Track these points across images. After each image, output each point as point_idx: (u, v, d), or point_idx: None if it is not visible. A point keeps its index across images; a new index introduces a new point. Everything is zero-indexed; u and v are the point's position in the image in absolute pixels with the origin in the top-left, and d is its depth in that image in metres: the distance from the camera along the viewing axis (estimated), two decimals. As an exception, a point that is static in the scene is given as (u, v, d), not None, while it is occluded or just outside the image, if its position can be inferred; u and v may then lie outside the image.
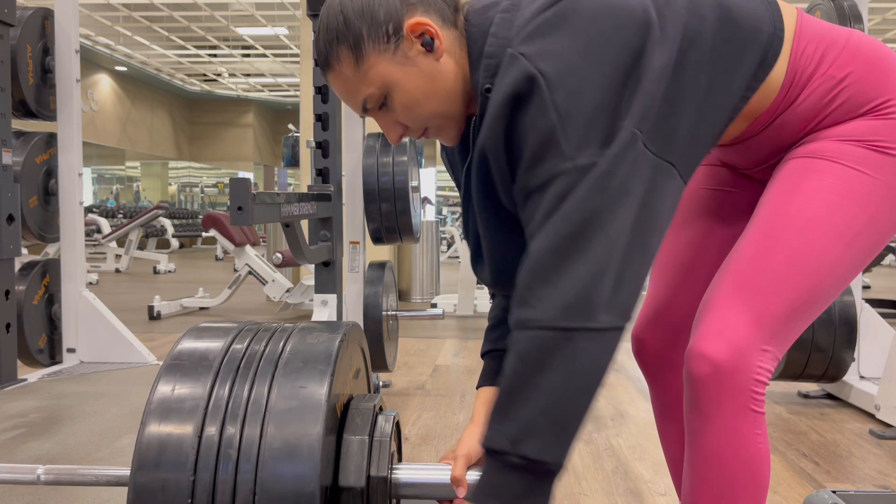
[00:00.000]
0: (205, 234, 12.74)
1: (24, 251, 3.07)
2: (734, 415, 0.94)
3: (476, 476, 0.98)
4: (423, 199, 7.17)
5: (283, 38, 12.92)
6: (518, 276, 0.89)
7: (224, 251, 11.64)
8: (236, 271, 5.77)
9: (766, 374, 0.95)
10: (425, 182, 14.77)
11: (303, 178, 5.79)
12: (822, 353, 2.61)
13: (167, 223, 12.27)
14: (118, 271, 9.15)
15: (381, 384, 3.03)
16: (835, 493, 1.60)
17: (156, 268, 9.31)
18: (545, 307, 0.85)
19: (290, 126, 6.06)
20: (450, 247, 10.34)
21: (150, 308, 5.25)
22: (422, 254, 6.28)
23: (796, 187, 0.99)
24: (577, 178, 0.85)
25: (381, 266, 2.88)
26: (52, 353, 3.18)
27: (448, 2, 0.97)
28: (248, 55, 14.61)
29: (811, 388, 2.94)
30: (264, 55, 14.37)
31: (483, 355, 1.15)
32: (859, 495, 1.65)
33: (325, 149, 2.70)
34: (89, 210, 11.68)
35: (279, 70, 15.81)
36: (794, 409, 2.75)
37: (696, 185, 1.25)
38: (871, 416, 2.59)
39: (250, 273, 5.57)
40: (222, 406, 0.88)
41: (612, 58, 0.87)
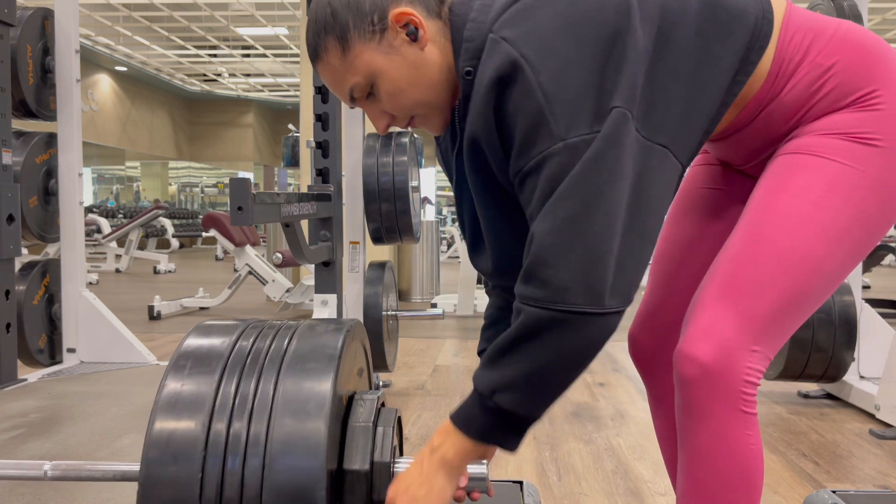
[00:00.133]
0: (205, 234, 12.75)
1: (24, 251, 3.06)
2: (724, 416, 0.94)
3: (475, 468, 1.02)
4: (423, 199, 7.18)
5: (283, 38, 12.92)
6: (523, 257, 0.91)
7: (224, 251, 11.65)
8: (236, 271, 5.77)
9: (757, 375, 0.95)
10: (425, 182, 14.78)
11: (303, 178, 5.79)
12: (822, 353, 2.61)
13: (167, 223, 12.28)
14: (118, 271, 9.15)
15: (381, 384, 3.03)
16: (835, 493, 1.61)
17: (156, 268, 9.32)
18: (550, 289, 0.87)
19: (290, 126, 6.06)
20: (450, 247, 10.34)
21: (150, 308, 5.26)
22: (422, 254, 6.28)
23: (781, 185, 0.99)
24: (569, 159, 0.86)
25: (381, 266, 2.88)
26: (52, 353, 3.18)
27: None
28: (248, 55, 14.62)
29: (811, 388, 2.94)
30: (264, 55, 14.38)
31: (480, 353, 1.15)
32: (859, 495, 1.65)
33: (325, 149, 2.70)
34: (89, 210, 11.67)
35: (279, 70, 15.82)
36: (794, 409, 2.75)
37: (692, 184, 1.25)
38: (871, 416, 2.59)
39: (250, 273, 5.57)
40: (229, 401, 0.90)
41: (593, 37, 0.88)
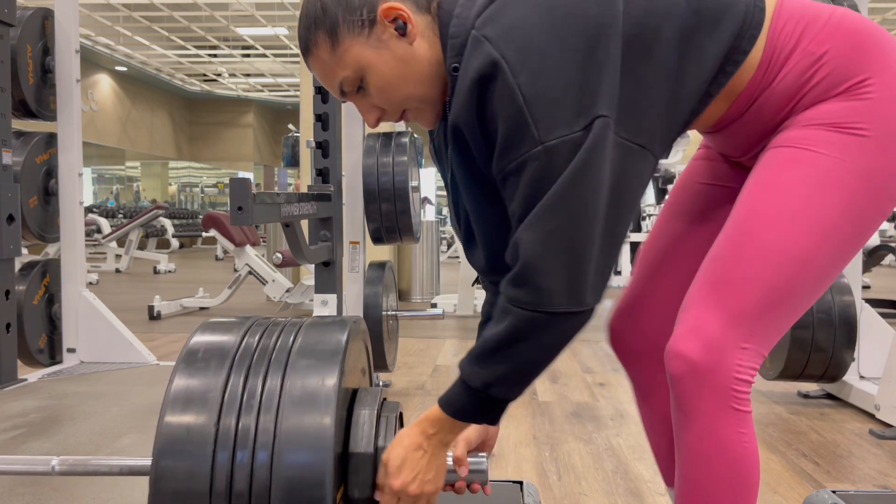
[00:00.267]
0: (205, 234, 12.75)
1: (24, 251, 3.06)
2: (715, 413, 0.94)
3: (475, 460, 1.07)
4: (423, 199, 7.17)
5: (283, 38, 12.92)
6: (509, 258, 0.94)
7: (224, 251, 11.64)
8: (236, 271, 5.77)
9: (749, 372, 0.94)
10: (425, 182, 14.75)
11: (303, 178, 5.79)
12: (822, 353, 2.61)
13: (167, 223, 12.28)
14: (118, 271, 9.15)
15: (381, 384, 3.03)
16: (835, 493, 1.61)
17: (156, 268, 9.31)
18: (540, 294, 0.91)
19: (290, 126, 6.06)
20: (450, 247, 10.36)
21: (151, 308, 5.26)
22: (422, 254, 6.28)
23: (770, 180, 0.98)
24: (549, 162, 0.88)
25: (381, 266, 2.88)
26: (52, 353, 3.18)
27: None
28: (248, 55, 14.62)
29: (811, 388, 2.94)
30: (264, 55, 14.38)
31: None
32: (859, 495, 1.65)
33: (325, 149, 2.70)
34: (89, 210, 11.66)
35: (279, 70, 15.82)
36: (794, 409, 2.75)
37: (691, 178, 1.23)
38: (871, 416, 2.59)
39: (250, 273, 5.58)
40: (238, 396, 0.92)
41: (575, 31, 0.88)
